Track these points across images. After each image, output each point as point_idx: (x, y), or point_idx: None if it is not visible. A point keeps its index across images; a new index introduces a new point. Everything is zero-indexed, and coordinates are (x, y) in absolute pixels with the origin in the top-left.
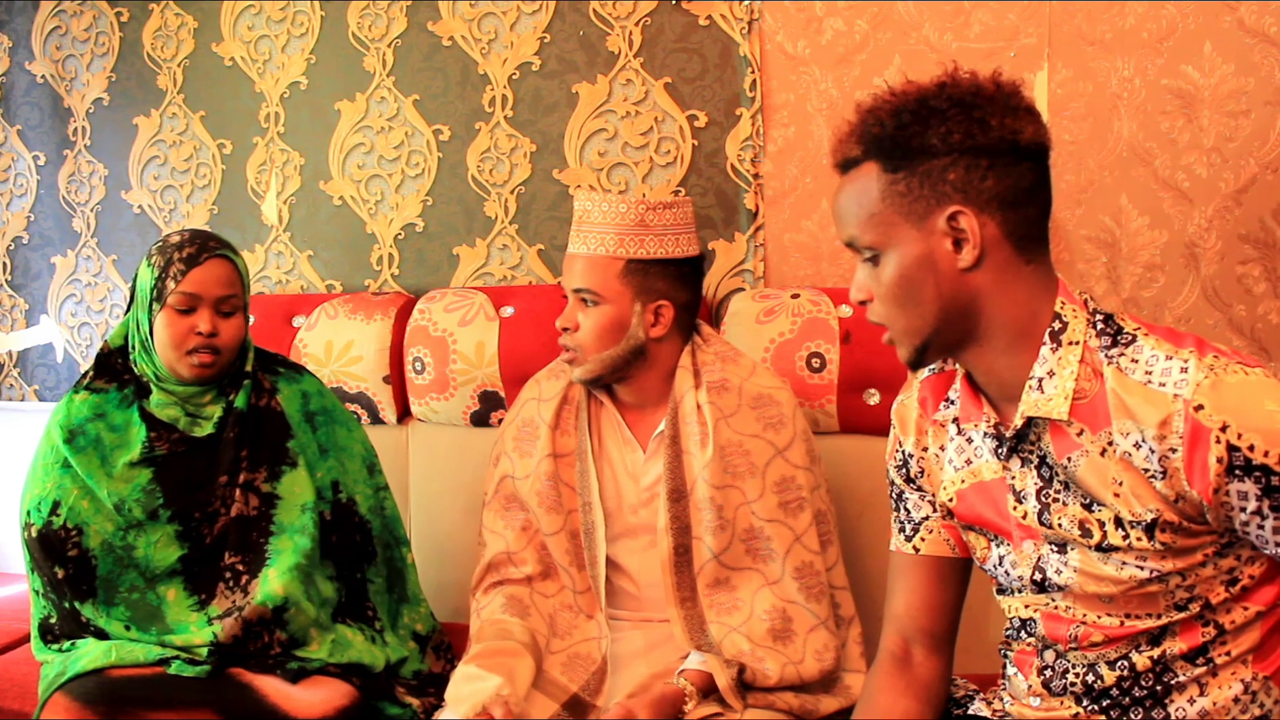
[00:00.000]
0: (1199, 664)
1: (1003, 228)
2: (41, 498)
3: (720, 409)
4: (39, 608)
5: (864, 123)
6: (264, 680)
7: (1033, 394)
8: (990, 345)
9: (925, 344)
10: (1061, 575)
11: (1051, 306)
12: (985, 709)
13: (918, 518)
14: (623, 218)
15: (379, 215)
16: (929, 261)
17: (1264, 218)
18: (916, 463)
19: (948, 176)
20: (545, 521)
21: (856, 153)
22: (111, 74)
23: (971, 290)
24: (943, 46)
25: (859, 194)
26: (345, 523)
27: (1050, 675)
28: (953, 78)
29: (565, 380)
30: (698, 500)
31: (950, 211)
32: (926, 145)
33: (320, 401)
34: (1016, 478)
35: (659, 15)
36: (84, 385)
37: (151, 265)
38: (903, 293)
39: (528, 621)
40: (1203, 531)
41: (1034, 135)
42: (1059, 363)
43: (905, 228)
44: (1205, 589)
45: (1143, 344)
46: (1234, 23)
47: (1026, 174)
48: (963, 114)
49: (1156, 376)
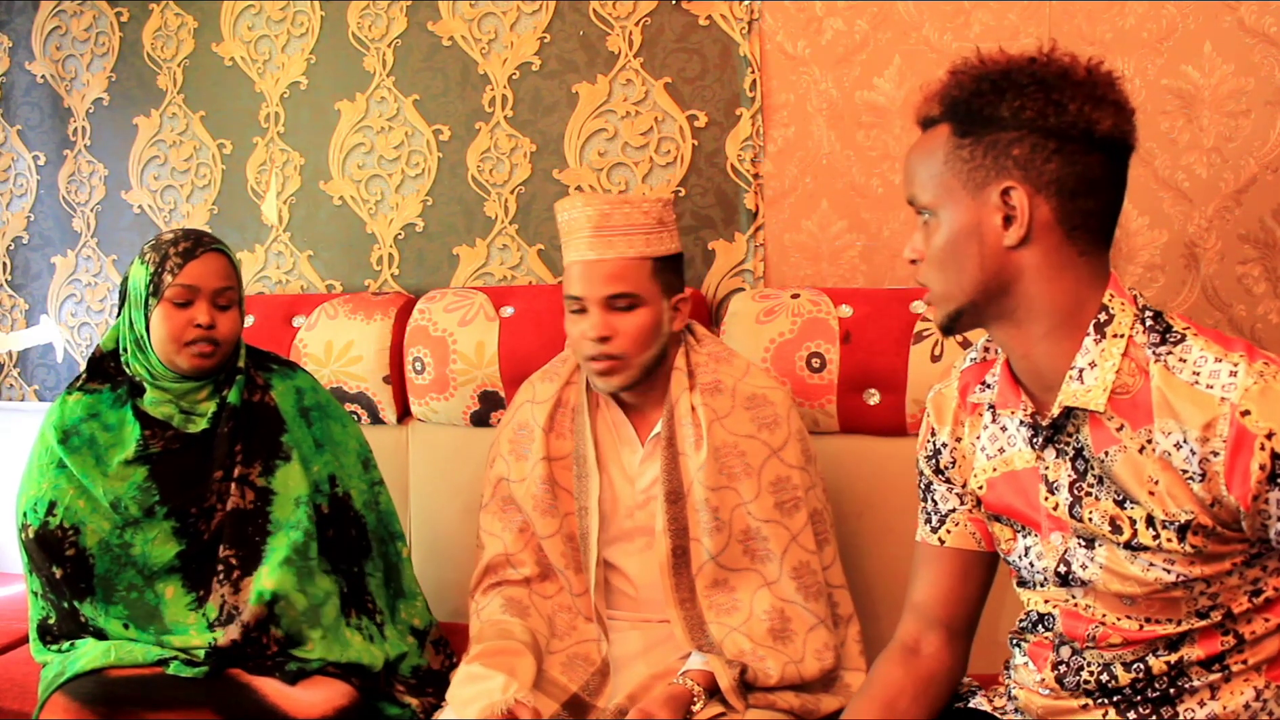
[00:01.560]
0: (1214, 670)
1: (1056, 213)
2: (37, 499)
3: (714, 410)
4: (37, 609)
5: (948, 84)
6: (263, 681)
7: (1073, 384)
8: (1030, 329)
9: (959, 311)
10: (1087, 570)
11: (1100, 298)
12: (986, 704)
13: (944, 510)
14: (646, 216)
15: (379, 215)
16: (976, 231)
17: (1264, 218)
18: (949, 453)
19: (1011, 151)
20: (540, 525)
21: (936, 112)
22: (111, 74)
23: (1014, 269)
24: (943, 46)
25: (927, 153)
26: (341, 517)
27: (1064, 671)
28: (1045, 55)
29: (560, 382)
30: (694, 502)
31: (1005, 186)
32: (998, 116)
33: (314, 397)
34: (1050, 468)
35: (659, 15)
36: (77, 387)
37: (146, 262)
38: (947, 257)
39: (527, 622)
40: (1235, 539)
41: (1112, 129)
42: (1101, 354)
43: (961, 194)
44: (1229, 598)
45: (1192, 344)
46: (1234, 23)
47: (1095, 165)
48: (1041, 92)
49: (1205, 378)
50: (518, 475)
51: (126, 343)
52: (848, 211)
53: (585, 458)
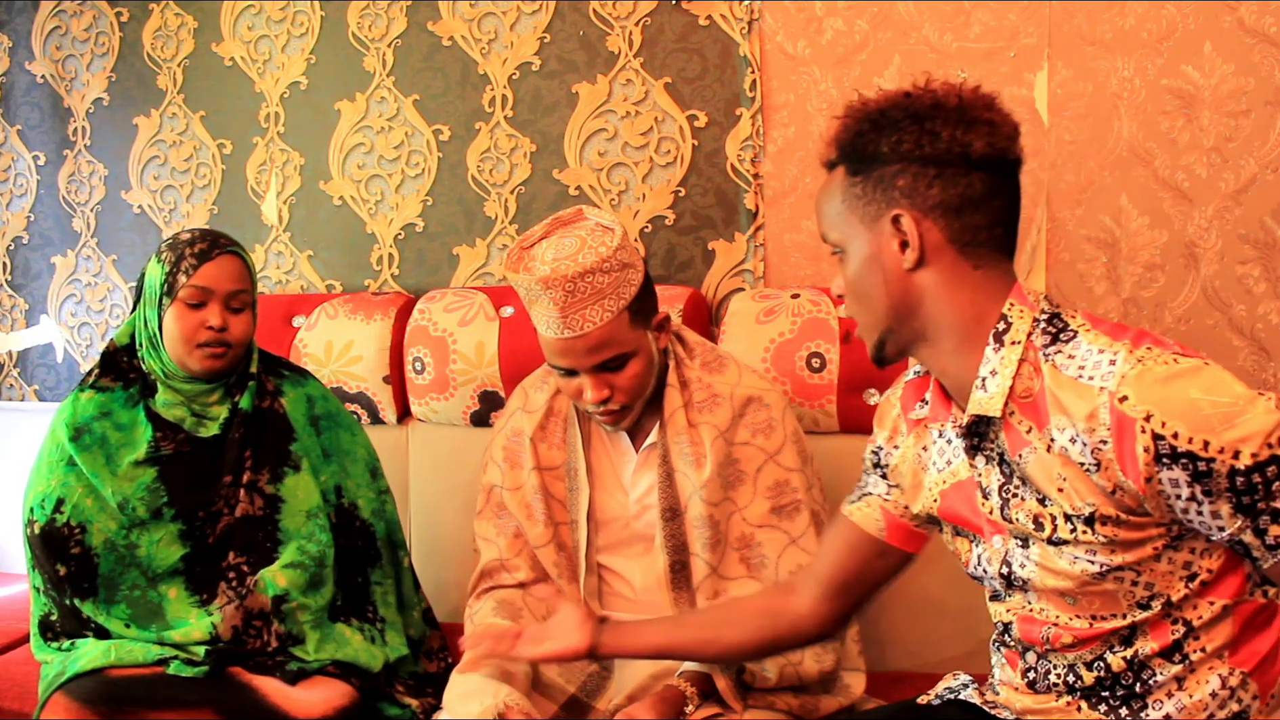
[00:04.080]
0: (1175, 661)
1: (946, 233)
2: (45, 495)
3: (716, 427)
4: (39, 605)
5: (838, 128)
6: (264, 680)
7: (978, 393)
8: (939, 345)
9: (882, 339)
10: (1025, 569)
11: (1000, 309)
12: (977, 697)
13: (865, 490)
14: (609, 274)
15: (379, 215)
16: (878, 259)
17: (1264, 218)
18: (884, 456)
19: (896, 182)
20: (533, 534)
21: (833, 155)
22: (111, 74)
23: (917, 290)
24: (943, 46)
25: (829, 195)
26: (348, 527)
27: (1034, 676)
28: (919, 88)
29: (550, 390)
30: (692, 518)
31: (894, 214)
32: (879, 152)
33: (325, 406)
34: (983, 475)
35: (659, 15)
36: (90, 384)
37: (161, 261)
38: (858, 287)
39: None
40: (1147, 524)
41: (986, 148)
42: (1001, 362)
43: (860, 227)
44: (1164, 585)
45: (1081, 340)
46: (1234, 23)
47: (976, 184)
48: (915, 124)
49: (1087, 370)
50: (511, 483)
51: (142, 338)
52: None
53: (576, 470)
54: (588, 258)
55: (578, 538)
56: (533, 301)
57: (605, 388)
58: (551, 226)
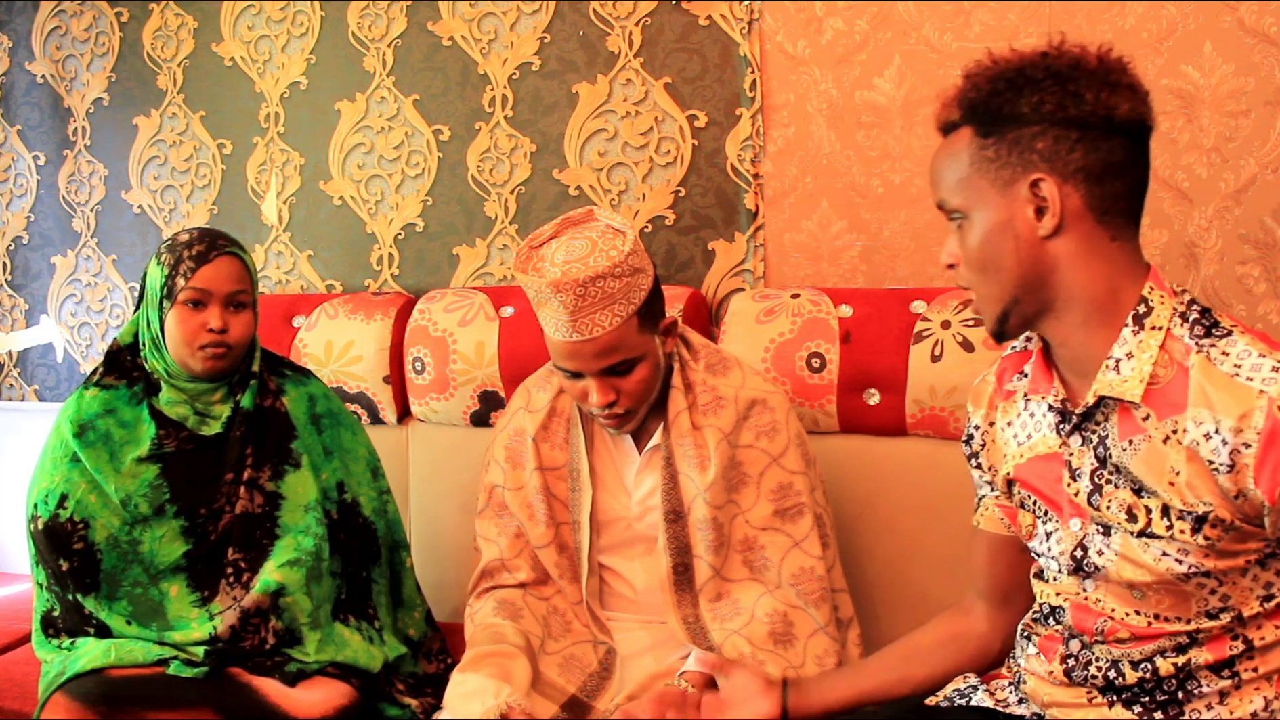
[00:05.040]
0: (1225, 676)
1: (1086, 200)
2: (49, 490)
3: (720, 430)
4: (42, 601)
5: (964, 87)
6: (264, 681)
7: (1109, 374)
8: (1068, 317)
9: (1006, 312)
10: (1102, 557)
11: (1138, 289)
12: (989, 699)
13: (980, 495)
14: (619, 279)
15: (379, 215)
16: (1010, 227)
17: (1264, 218)
18: (981, 435)
19: (1035, 145)
20: (534, 535)
21: (955, 116)
22: (111, 74)
23: (1050, 259)
24: (943, 46)
25: (952, 157)
26: (350, 523)
27: (1073, 664)
28: (1056, 48)
29: (553, 390)
30: (696, 520)
31: (1033, 178)
32: (1018, 113)
33: (326, 405)
34: (1074, 455)
35: (659, 15)
36: (94, 382)
37: (161, 263)
38: (984, 257)
39: (520, 624)
40: (1254, 535)
41: (1130, 112)
42: (1139, 346)
43: (991, 193)
44: (1239, 600)
45: (1238, 339)
46: (1234, 23)
47: (1117, 149)
48: (1057, 85)
49: (1245, 370)
50: (513, 483)
51: (144, 339)
52: (848, 211)
53: (579, 471)
54: (599, 261)
55: (579, 538)
56: (542, 303)
57: (611, 391)
58: (561, 226)
